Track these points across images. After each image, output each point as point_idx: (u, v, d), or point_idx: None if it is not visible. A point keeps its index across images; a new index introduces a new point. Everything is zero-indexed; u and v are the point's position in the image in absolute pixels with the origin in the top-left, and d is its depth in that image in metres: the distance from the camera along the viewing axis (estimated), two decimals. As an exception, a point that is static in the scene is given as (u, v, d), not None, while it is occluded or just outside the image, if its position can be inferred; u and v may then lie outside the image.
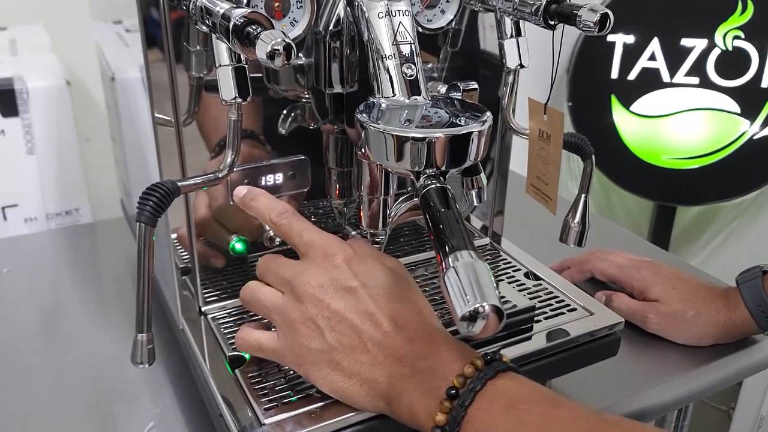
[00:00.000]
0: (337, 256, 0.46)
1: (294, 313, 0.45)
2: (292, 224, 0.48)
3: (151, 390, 0.62)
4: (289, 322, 0.46)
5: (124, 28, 0.71)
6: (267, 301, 0.48)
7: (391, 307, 0.45)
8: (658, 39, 1.47)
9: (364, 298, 0.45)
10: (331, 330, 0.44)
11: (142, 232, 0.43)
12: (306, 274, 0.46)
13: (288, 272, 0.47)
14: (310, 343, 0.45)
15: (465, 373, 0.40)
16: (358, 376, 0.44)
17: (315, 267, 0.46)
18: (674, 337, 0.66)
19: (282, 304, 0.46)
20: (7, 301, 0.76)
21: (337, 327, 0.44)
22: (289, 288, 0.46)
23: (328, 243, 0.47)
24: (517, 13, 0.52)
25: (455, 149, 0.44)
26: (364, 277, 0.46)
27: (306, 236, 0.48)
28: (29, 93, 0.85)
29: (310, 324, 0.45)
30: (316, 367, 0.45)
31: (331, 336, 0.44)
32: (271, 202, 0.50)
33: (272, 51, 0.37)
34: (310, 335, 0.45)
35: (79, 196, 0.93)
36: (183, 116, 0.52)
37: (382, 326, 0.44)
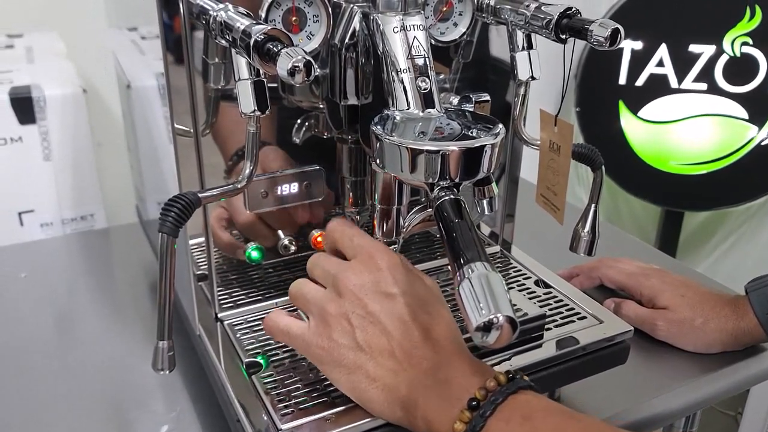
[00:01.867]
0: (381, 261, 0.47)
1: (331, 306, 0.46)
2: (345, 230, 0.50)
3: (167, 395, 0.63)
4: (323, 313, 0.47)
5: (139, 36, 0.72)
6: (309, 293, 0.49)
7: (423, 318, 0.46)
8: (666, 45, 1.48)
9: (400, 305, 0.46)
10: (363, 329, 0.45)
11: (164, 243, 0.44)
12: (349, 271, 0.47)
13: (333, 267, 0.48)
14: (340, 338, 0.46)
15: (487, 387, 0.41)
16: (380, 380, 0.45)
17: (359, 266, 0.47)
18: (683, 345, 0.67)
19: (321, 296, 0.48)
20: (25, 305, 0.77)
21: (369, 328, 0.45)
22: (331, 282, 0.48)
23: (376, 247, 0.48)
24: (528, 27, 0.53)
25: (469, 162, 0.45)
26: (403, 285, 0.46)
27: (356, 240, 0.49)
28: (46, 101, 0.87)
29: (344, 320, 0.46)
30: (340, 364, 0.46)
31: (361, 335, 0.45)
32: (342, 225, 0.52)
33: (293, 68, 0.38)
34: (341, 330, 0.46)
35: (94, 202, 0.95)
36: (201, 127, 0.54)
37: (413, 335, 0.45)
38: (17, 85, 0.87)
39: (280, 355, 0.54)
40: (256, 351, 0.55)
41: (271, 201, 0.58)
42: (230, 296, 0.60)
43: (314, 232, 0.61)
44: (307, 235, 0.62)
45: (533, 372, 0.54)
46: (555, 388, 0.61)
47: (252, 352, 0.55)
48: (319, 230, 0.61)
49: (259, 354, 0.54)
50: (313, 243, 0.61)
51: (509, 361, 0.54)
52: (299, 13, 0.50)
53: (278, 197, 0.58)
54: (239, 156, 0.56)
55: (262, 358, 0.54)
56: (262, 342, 0.56)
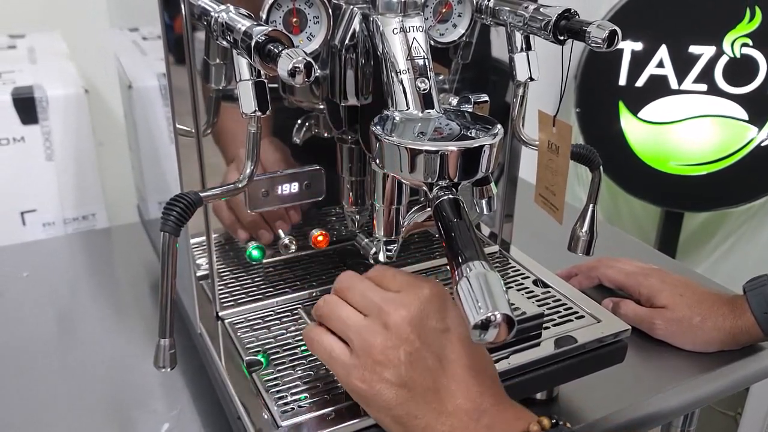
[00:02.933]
0: (429, 291, 0.46)
1: (377, 338, 0.44)
2: (385, 271, 0.49)
3: (168, 393, 0.63)
4: (368, 345, 0.44)
5: (141, 36, 0.73)
6: (349, 319, 0.46)
7: (470, 357, 0.45)
8: (666, 46, 1.48)
9: (448, 343, 0.44)
10: (410, 365, 0.43)
11: (166, 242, 0.44)
12: (397, 304, 0.45)
13: (378, 296, 0.46)
14: (384, 372, 0.44)
15: (530, 431, 0.41)
16: (423, 418, 0.43)
17: (407, 298, 0.45)
18: (681, 344, 0.67)
19: (366, 326, 0.45)
20: (26, 304, 0.78)
21: (417, 364, 0.43)
22: (376, 312, 0.45)
23: (420, 279, 0.47)
24: (527, 28, 0.53)
25: (467, 162, 0.45)
26: (451, 320, 0.45)
27: (399, 276, 0.48)
28: (48, 101, 0.87)
29: (391, 354, 0.44)
30: (381, 397, 0.44)
31: (407, 371, 0.43)
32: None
33: (293, 69, 0.38)
34: (386, 364, 0.44)
35: (96, 202, 0.95)
36: (202, 127, 0.54)
37: (458, 374, 0.44)
38: (20, 85, 0.88)
39: (281, 354, 0.55)
40: (257, 349, 0.55)
41: (271, 200, 0.59)
42: (231, 295, 0.61)
43: (314, 231, 0.61)
44: (307, 234, 0.62)
45: (531, 370, 0.55)
46: (553, 386, 0.61)
47: (252, 350, 0.55)
48: (320, 229, 0.62)
49: (259, 352, 0.55)
50: (313, 242, 0.62)
51: (507, 360, 0.54)
52: (300, 15, 0.50)
53: (279, 197, 0.59)
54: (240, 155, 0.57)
55: (263, 356, 0.54)
56: (262, 340, 0.56)
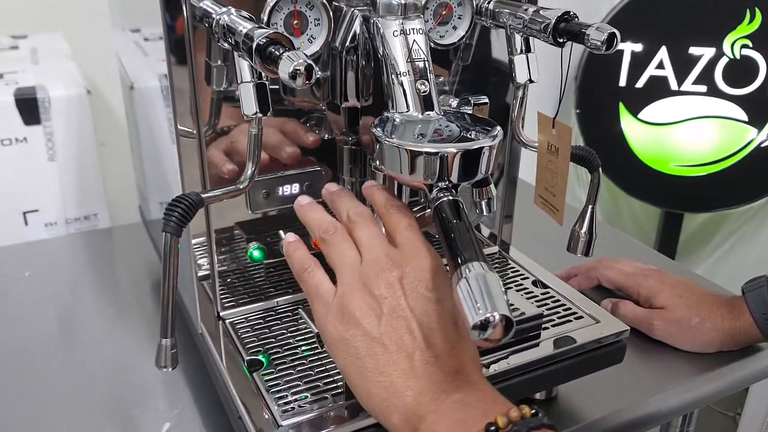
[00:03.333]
0: (428, 260, 0.45)
1: (365, 282, 0.43)
2: (402, 217, 0.47)
3: (169, 393, 0.64)
4: (354, 288, 0.44)
5: (142, 37, 0.73)
6: (347, 257, 0.46)
7: (453, 333, 0.43)
8: (666, 47, 1.49)
9: (434, 312, 0.43)
10: (390, 319, 0.42)
11: (168, 242, 0.44)
12: (394, 261, 0.44)
13: (383, 248, 0.45)
14: (363, 318, 0.43)
15: (510, 416, 0.38)
16: (388, 377, 0.42)
17: (404, 260, 0.44)
18: (680, 344, 0.68)
19: (359, 267, 0.44)
20: (28, 304, 0.78)
21: (396, 322, 0.42)
22: (375, 257, 0.44)
23: (426, 246, 0.46)
24: (526, 30, 0.53)
25: (467, 163, 0.46)
26: (443, 293, 0.44)
27: (410, 232, 0.46)
28: (51, 102, 0.88)
29: (374, 303, 0.43)
30: (352, 345, 0.43)
31: (386, 325, 0.42)
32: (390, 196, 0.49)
33: (294, 71, 0.39)
34: (367, 312, 0.43)
35: (98, 202, 0.95)
36: (204, 128, 0.54)
37: (437, 345, 0.43)
38: (22, 86, 0.88)
39: (281, 353, 0.55)
40: (258, 349, 0.56)
41: (272, 202, 0.59)
42: (232, 295, 0.61)
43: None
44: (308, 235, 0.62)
45: (531, 371, 0.55)
46: (552, 386, 0.62)
47: (253, 350, 0.55)
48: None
49: (260, 352, 0.55)
50: (314, 243, 0.62)
51: (507, 360, 0.55)
52: (301, 17, 0.51)
53: (280, 198, 0.59)
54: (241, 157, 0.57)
55: (263, 356, 0.55)
56: (263, 340, 0.57)
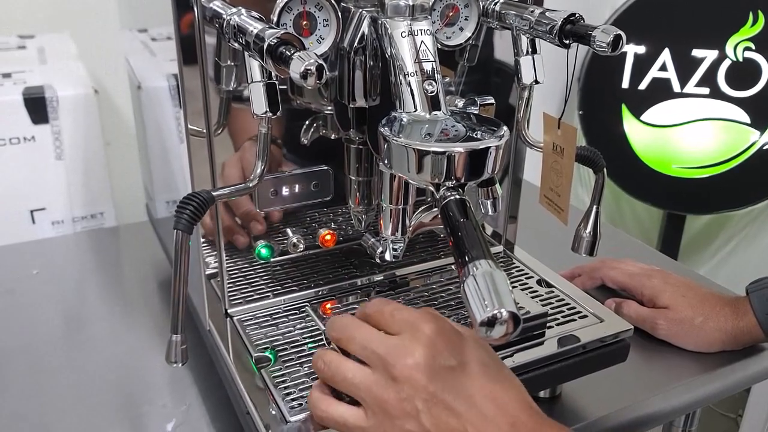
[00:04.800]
0: (431, 331, 0.44)
1: (389, 393, 0.43)
2: (383, 308, 0.47)
3: (176, 389, 0.64)
4: (381, 402, 0.43)
5: (150, 37, 0.74)
6: (355, 378, 0.44)
7: (489, 386, 0.43)
8: (669, 49, 1.49)
9: (463, 378, 0.43)
10: (428, 412, 0.42)
11: (179, 239, 0.45)
12: (401, 351, 0.43)
13: (378, 345, 0.44)
14: (405, 425, 0.42)
15: None
16: None
17: (409, 342, 0.43)
18: (683, 344, 0.68)
19: (374, 382, 0.43)
20: (37, 301, 0.79)
21: (434, 410, 0.42)
22: (381, 364, 0.43)
23: (421, 317, 0.45)
24: (533, 32, 0.54)
25: (474, 162, 0.46)
26: (462, 354, 0.44)
27: (398, 315, 0.46)
28: (59, 101, 0.88)
29: (407, 405, 0.42)
30: None
31: (427, 419, 0.42)
32: (361, 308, 0.49)
33: (305, 71, 0.39)
34: (405, 417, 0.42)
35: (104, 201, 0.96)
36: (213, 127, 0.55)
37: (482, 409, 0.42)
38: (30, 85, 0.89)
39: (288, 350, 0.56)
40: (265, 346, 0.56)
41: (280, 200, 0.60)
42: (240, 293, 0.61)
43: (322, 230, 0.62)
44: (314, 233, 0.63)
45: (535, 369, 0.56)
46: (556, 384, 0.62)
47: (261, 347, 0.56)
48: (327, 229, 0.62)
49: (267, 349, 0.56)
50: (321, 241, 0.63)
51: (512, 358, 0.55)
52: (310, 18, 0.51)
53: (287, 196, 0.60)
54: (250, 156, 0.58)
55: (271, 352, 0.55)
56: (270, 337, 0.57)
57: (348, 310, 0.61)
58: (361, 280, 0.65)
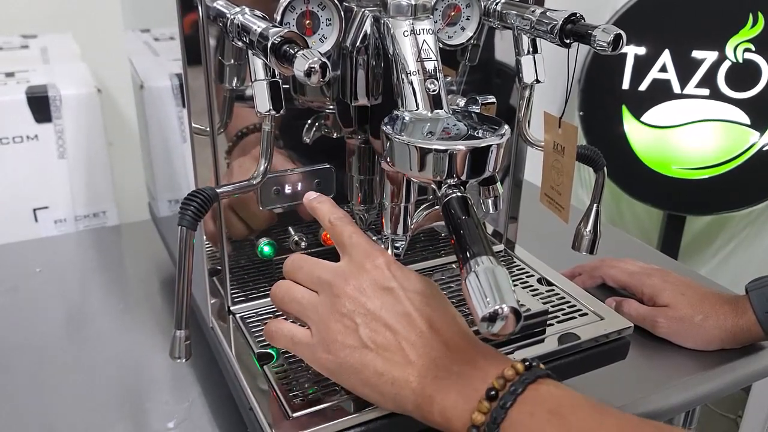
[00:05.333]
0: (378, 259, 0.47)
1: (332, 310, 0.46)
2: (345, 227, 0.50)
3: (179, 386, 0.65)
4: (324, 318, 0.46)
5: (152, 37, 0.74)
6: (303, 299, 0.48)
7: (427, 310, 0.46)
8: (669, 51, 1.50)
9: (401, 299, 0.46)
10: (366, 327, 0.45)
11: (183, 236, 0.45)
12: (345, 274, 0.47)
13: (325, 272, 0.48)
14: (345, 339, 0.45)
15: (505, 376, 0.40)
16: (388, 374, 0.44)
17: (354, 267, 0.47)
18: (682, 342, 0.68)
19: (319, 301, 0.47)
20: (40, 298, 0.79)
21: (372, 325, 0.45)
22: (327, 287, 0.47)
23: (372, 246, 0.49)
24: (534, 32, 0.54)
25: (475, 160, 0.46)
26: (402, 280, 0.47)
27: (355, 238, 0.49)
28: (62, 100, 0.89)
29: (347, 320, 0.45)
30: (347, 366, 0.45)
31: (365, 333, 0.45)
32: (334, 208, 0.52)
33: (309, 69, 0.40)
34: (344, 331, 0.45)
35: (107, 200, 0.97)
36: (217, 126, 0.55)
37: (417, 327, 0.45)
38: (34, 84, 0.90)
39: (291, 347, 0.56)
40: (267, 343, 0.56)
41: (282, 198, 0.60)
42: (242, 290, 0.62)
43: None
44: (317, 231, 0.63)
45: (536, 366, 0.56)
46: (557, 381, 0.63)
47: (263, 343, 0.56)
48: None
49: (269, 346, 0.56)
50: (323, 239, 0.63)
51: (512, 355, 0.55)
52: (313, 17, 0.52)
53: (290, 195, 0.60)
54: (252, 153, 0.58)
55: (273, 349, 0.56)
56: (273, 334, 0.58)
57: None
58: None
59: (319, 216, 0.53)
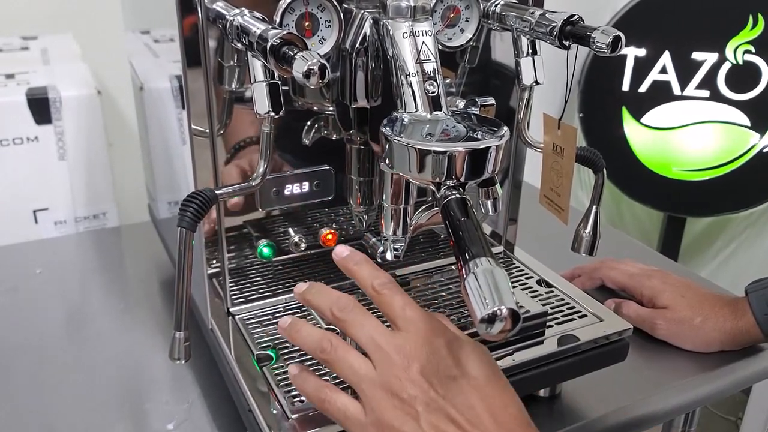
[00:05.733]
0: (439, 338, 0.44)
1: (390, 392, 0.43)
2: (395, 296, 0.46)
3: (178, 387, 0.65)
4: (381, 400, 0.43)
5: (152, 39, 0.74)
6: (360, 369, 0.44)
7: (490, 401, 0.43)
8: (669, 52, 1.50)
9: (465, 389, 0.43)
10: (427, 416, 0.42)
11: (183, 237, 0.46)
12: (407, 353, 0.43)
13: (386, 344, 0.44)
14: (402, 426, 0.42)
15: None
16: None
17: (415, 347, 0.44)
18: (682, 343, 0.68)
19: (377, 377, 0.44)
20: (40, 299, 0.79)
21: (435, 415, 0.42)
22: (386, 364, 0.44)
23: (430, 322, 0.45)
24: (533, 33, 0.55)
25: (474, 162, 0.46)
26: (465, 364, 0.44)
27: (408, 312, 0.45)
28: (62, 101, 0.89)
29: (407, 407, 0.42)
30: None
31: (426, 423, 0.42)
32: (375, 270, 0.48)
33: (308, 71, 0.40)
34: (403, 418, 0.42)
35: (107, 201, 0.97)
36: (216, 127, 0.55)
37: (481, 422, 0.42)
38: (34, 86, 0.90)
39: (290, 348, 0.56)
40: (267, 344, 0.57)
41: (282, 200, 0.60)
42: (241, 292, 0.62)
43: (323, 230, 0.63)
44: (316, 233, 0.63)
45: (535, 368, 0.56)
46: (556, 383, 0.63)
47: (262, 345, 0.56)
48: (329, 228, 0.63)
49: (269, 347, 0.56)
50: (322, 241, 0.63)
51: (512, 357, 0.55)
52: (312, 19, 0.52)
53: (289, 196, 0.60)
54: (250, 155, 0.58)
55: (273, 351, 0.56)
56: (272, 336, 0.58)
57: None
58: (362, 280, 0.66)
59: (358, 280, 0.48)
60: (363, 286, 0.48)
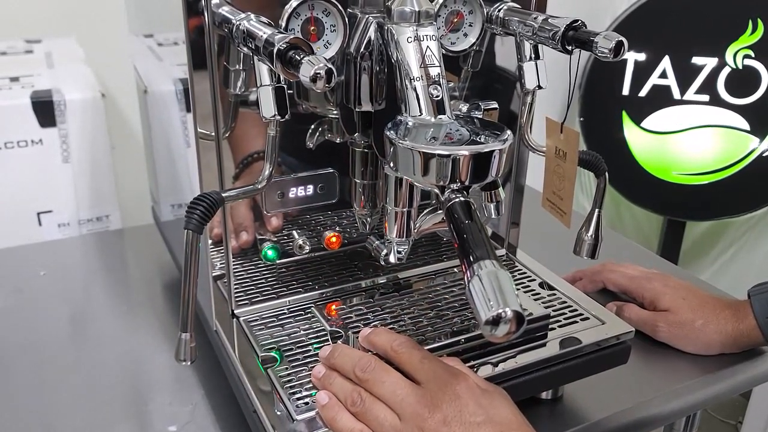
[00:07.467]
0: (459, 385, 0.46)
1: None
2: (413, 352, 0.49)
3: (182, 389, 0.65)
4: None
5: (156, 42, 0.75)
6: (386, 422, 0.46)
7: None
8: (669, 57, 1.50)
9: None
10: None
11: (189, 239, 0.46)
12: (429, 403, 0.45)
13: (409, 396, 0.46)
14: None
15: None
16: None
17: (436, 397, 0.46)
18: (683, 346, 0.69)
19: (402, 428, 0.45)
20: (44, 301, 0.80)
21: None
22: (411, 416, 0.45)
23: (449, 372, 0.47)
24: (536, 38, 0.55)
25: (478, 165, 0.47)
26: (487, 409, 0.46)
27: (427, 364, 0.48)
28: (66, 104, 0.89)
29: None
30: None
31: None
32: (391, 335, 0.51)
33: (315, 75, 0.40)
34: None
35: (110, 204, 0.97)
36: (222, 130, 0.56)
37: None
38: (38, 89, 0.90)
39: (294, 350, 0.56)
40: (271, 346, 0.57)
41: (286, 202, 0.61)
42: (246, 294, 0.62)
43: (327, 232, 0.63)
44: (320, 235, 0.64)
45: (537, 370, 0.56)
46: (558, 386, 0.63)
47: (267, 347, 0.57)
48: (332, 231, 0.63)
49: (273, 349, 0.57)
50: (326, 243, 0.63)
51: (514, 359, 0.56)
52: (317, 23, 0.52)
53: (293, 199, 0.60)
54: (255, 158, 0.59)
55: (277, 353, 0.56)
56: (276, 338, 0.58)
57: (352, 311, 0.61)
58: (366, 282, 0.66)
59: (379, 348, 0.51)
60: (383, 351, 0.50)
